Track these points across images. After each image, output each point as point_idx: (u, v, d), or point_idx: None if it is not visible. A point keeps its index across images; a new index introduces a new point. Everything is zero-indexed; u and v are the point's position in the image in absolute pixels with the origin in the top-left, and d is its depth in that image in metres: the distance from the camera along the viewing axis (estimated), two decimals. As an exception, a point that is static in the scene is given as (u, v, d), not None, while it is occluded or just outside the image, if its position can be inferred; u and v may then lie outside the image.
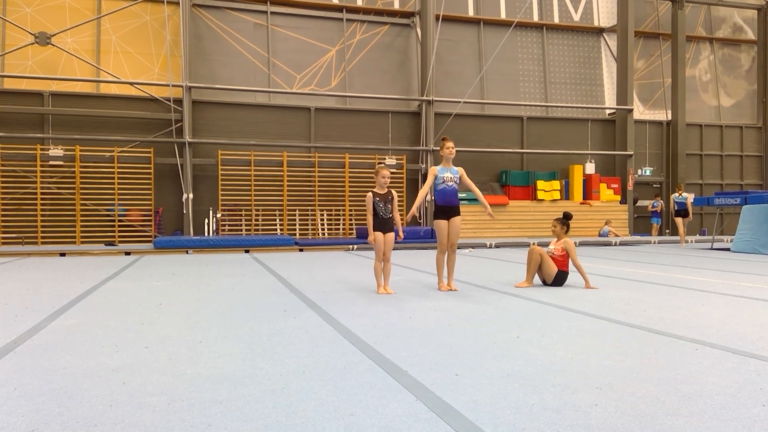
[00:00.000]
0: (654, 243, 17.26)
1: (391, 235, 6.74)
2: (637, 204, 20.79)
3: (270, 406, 2.72)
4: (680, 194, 16.45)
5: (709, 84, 22.87)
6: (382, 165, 7.20)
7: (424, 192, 6.96)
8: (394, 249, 7.05)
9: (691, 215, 16.42)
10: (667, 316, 5.04)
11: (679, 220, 16.21)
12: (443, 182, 6.77)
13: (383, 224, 6.66)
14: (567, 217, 7.20)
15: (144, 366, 3.46)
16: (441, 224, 6.79)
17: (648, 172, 21.30)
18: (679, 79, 21.25)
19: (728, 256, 12.55)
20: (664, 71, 21.88)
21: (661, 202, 20.36)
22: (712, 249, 14.82)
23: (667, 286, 7.13)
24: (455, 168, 6.91)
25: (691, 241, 17.87)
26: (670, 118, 21.69)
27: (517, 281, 7.39)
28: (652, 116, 21.88)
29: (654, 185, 21.60)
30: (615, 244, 16.50)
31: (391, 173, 7.46)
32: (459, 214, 6.86)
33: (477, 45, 19.99)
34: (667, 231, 21.25)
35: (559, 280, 7.01)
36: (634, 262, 10.85)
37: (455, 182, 6.83)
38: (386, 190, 6.72)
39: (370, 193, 6.75)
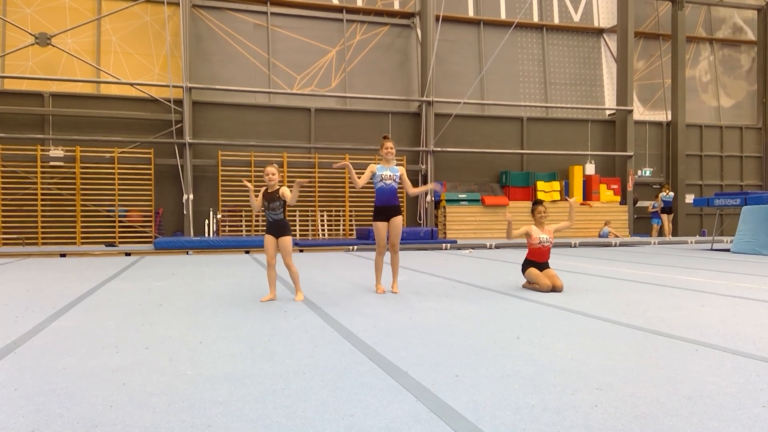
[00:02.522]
0: (654, 244, 17.26)
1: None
2: (637, 205, 20.80)
3: (270, 407, 2.72)
4: (667, 193, 18.96)
5: (709, 85, 22.88)
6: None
7: (360, 183, 6.55)
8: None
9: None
10: (667, 317, 5.04)
11: (664, 217, 18.83)
12: (381, 180, 6.57)
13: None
14: (540, 202, 7.23)
15: (144, 366, 3.46)
16: (379, 225, 6.58)
17: (648, 173, 21.30)
18: (679, 80, 21.26)
19: (728, 256, 12.55)
20: (664, 72, 21.89)
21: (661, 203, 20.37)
22: (712, 250, 14.82)
23: (667, 287, 7.13)
24: (396, 167, 6.71)
25: (691, 242, 17.87)
26: (670, 118, 21.70)
27: (518, 283, 7.37)
28: (652, 117, 21.88)
29: (654, 186, 21.61)
30: (615, 245, 16.50)
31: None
32: (400, 214, 6.66)
33: (477, 45, 20.00)
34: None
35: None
36: (634, 263, 10.85)
37: (394, 181, 6.58)
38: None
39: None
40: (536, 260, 6.90)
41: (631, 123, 20.30)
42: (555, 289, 6.62)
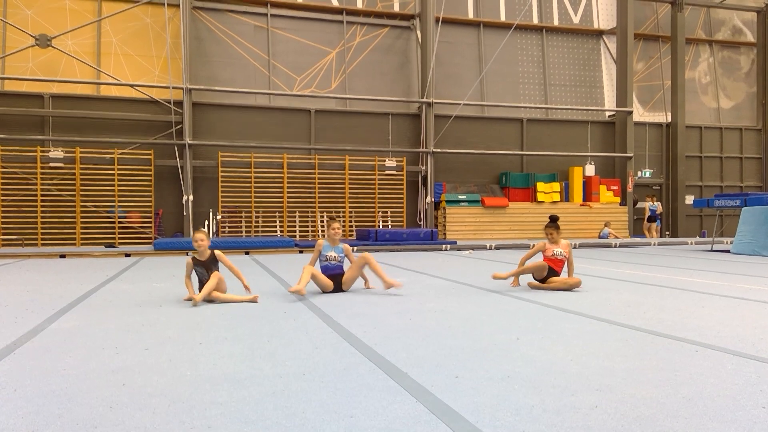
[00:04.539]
0: (654, 245, 17.26)
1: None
2: (637, 206, 20.81)
3: (270, 408, 2.72)
4: (653, 203, 19.87)
5: (708, 86, 22.90)
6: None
7: (312, 263, 6.62)
8: (393, 251, 6.93)
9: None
10: (667, 318, 5.04)
11: (652, 225, 19.75)
12: (326, 260, 6.69)
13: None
14: (556, 219, 7.15)
15: (144, 367, 3.46)
16: (328, 281, 6.64)
17: (648, 174, 21.31)
18: (678, 82, 21.28)
19: (728, 257, 12.55)
20: (663, 73, 21.91)
21: (659, 203, 20.39)
22: (712, 251, 14.82)
23: (666, 288, 7.13)
24: (340, 246, 6.76)
25: (692, 243, 17.88)
26: (669, 120, 21.72)
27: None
28: (652, 118, 21.90)
29: (654, 187, 21.62)
30: (615, 246, 16.50)
31: (392, 175, 7.18)
32: (343, 274, 6.74)
33: (477, 47, 20.02)
34: (667, 233, 21.26)
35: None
36: (634, 263, 10.85)
37: (339, 261, 6.71)
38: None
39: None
40: (551, 267, 6.94)
41: (630, 124, 20.31)
42: (569, 286, 6.77)
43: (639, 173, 21.11)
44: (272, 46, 18.07)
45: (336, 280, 6.69)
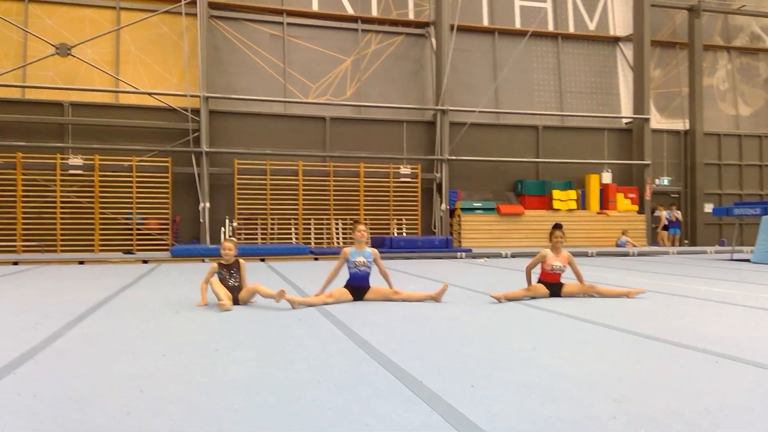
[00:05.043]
0: (672, 254, 17.06)
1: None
2: (655, 214, 20.58)
3: (285, 415, 2.72)
4: (671, 210, 19.74)
5: (727, 93, 22.65)
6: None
7: (335, 272, 6.58)
8: (407, 258, 6.90)
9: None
10: (686, 328, 4.98)
11: (665, 233, 19.59)
12: (355, 267, 6.50)
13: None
14: (561, 227, 7.09)
15: (161, 373, 3.48)
16: (346, 293, 6.50)
17: (666, 182, 21.09)
18: (696, 89, 21.08)
19: (748, 267, 12.36)
20: (681, 80, 21.71)
21: (679, 212, 20.17)
22: (731, 260, 14.62)
23: (685, 297, 7.04)
24: (368, 250, 6.61)
25: (711, 252, 17.65)
26: (687, 127, 21.50)
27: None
28: (670, 125, 21.70)
29: (672, 195, 21.39)
30: (632, 255, 16.34)
31: (407, 183, 7.13)
32: (369, 288, 6.60)
33: (492, 55, 20.00)
34: (686, 241, 21.00)
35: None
36: (652, 272, 10.73)
37: (368, 267, 6.53)
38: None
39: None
40: (548, 281, 6.90)
41: (648, 132, 20.14)
42: (595, 292, 6.86)
43: (657, 181, 20.91)
44: (288, 54, 18.20)
45: (359, 293, 6.54)
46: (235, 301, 6.19)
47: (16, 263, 12.88)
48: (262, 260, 13.96)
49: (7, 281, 9.20)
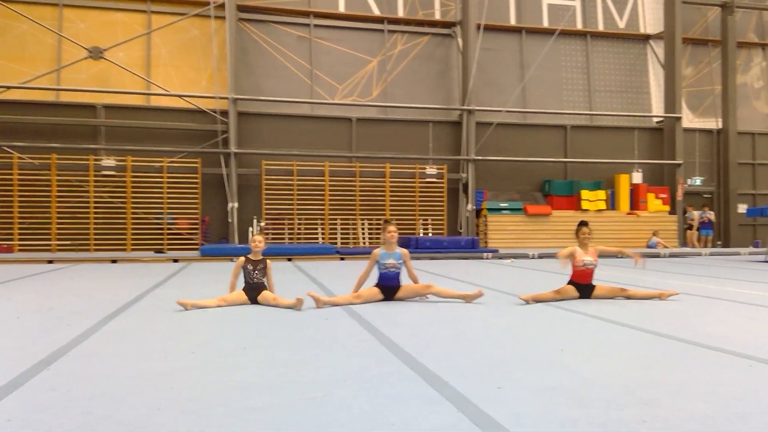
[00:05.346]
0: (705, 255, 16.70)
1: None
2: (687, 215, 20.17)
3: (310, 414, 2.74)
4: (704, 212, 19.40)
5: (761, 91, 22.09)
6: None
7: (365, 275, 6.56)
8: (433, 258, 6.88)
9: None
10: (717, 331, 4.87)
11: (694, 234, 19.35)
12: (385, 268, 6.50)
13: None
14: (586, 223, 6.98)
15: (189, 371, 3.54)
16: (377, 293, 6.50)
17: (698, 182, 20.66)
18: (729, 87, 20.60)
19: (784, 269, 12.03)
20: (714, 78, 21.25)
21: (711, 212, 19.73)
22: (766, 262, 14.25)
23: (718, 300, 6.89)
24: (398, 252, 6.57)
25: (744, 254, 17.24)
26: (720, 126, 21.03)
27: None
28: (702, 124, 21.24)
29: (705, 195, 20.94)
30: (664, 256, 16.04)
31: (432, 183, 7.10)
32: (400, 287, 6.57)
33: (519, 54, 19.83)
34: (719, 242, 20.54)
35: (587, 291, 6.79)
36: (684, 274, 10.52)
37: (398, 268, 6.51)
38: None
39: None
40: (578, 282, 6.73)
41: (679, 131, 19.75)
42: (628, 295, 6.74)
43: (689, 181, 20.49)
44: (314, 55, 18.31)
45: (390, 292, 6.53)
46: (254, 300, 6.24)
47: (50, 262, 13.21)
48: (289, 260, 14.07)
49: (41, 279, 9.43)
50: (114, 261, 13.55)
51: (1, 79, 16.02)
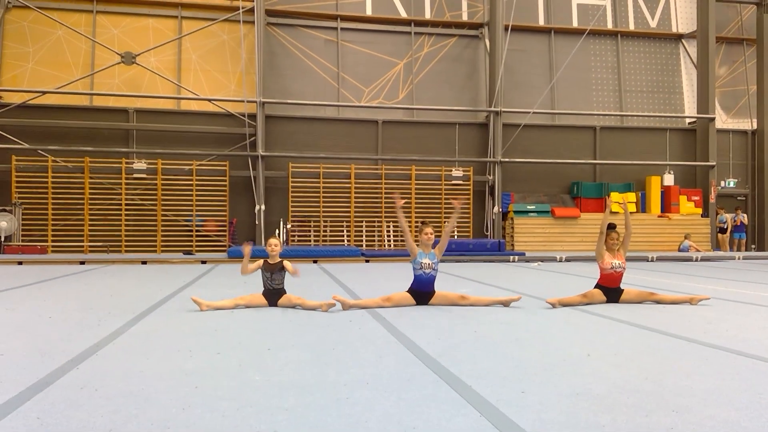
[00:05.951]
0: (738, 259, 16.30)
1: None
2: (718, 217, 19.72)
3: (334, 415, 2.75)
4: (737, 215, 19.09)
5: (800, 90, 21.45)
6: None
7: (411, 238, 6.54)
8: (459, 261, 6.81)
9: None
10: (752, 337, 4.74)
11: (725, 237, 18.98)
12: (421, 268, 6.38)
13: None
14: (615, 227, 6.82)
15: (216, 371, 3.58)
16: (408, 297, 6.40)
17: (732, 184, 20.18)
18: (765, 87, 20.07)
19: (823, 273, 11.67)
20: (748, 78, 20.74)
21: (744, 215, 19.26)
22: (804, 266, 13.83)
23: (751, 305, 6.71)
24: (433, 252, 6.51)
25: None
26: (755, 127, 20.51)
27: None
28: (736, 125, 20.75)
29: (738, 197, 20.44)
30: (696, 260, 15.70)
31: (459, 185, 7.06)
32: (434, 293, 6.48)
33: (547, 54, 19.64)
34: (753, 246, 20.03)
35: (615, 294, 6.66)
36: (716, 278, 10.28)
37: (434, 269, 6.43)
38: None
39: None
40: (607, 286, 6.61)
41: (713, 132, 19.33)
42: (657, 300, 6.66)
43: (722, 183, 20.02)
44: (341, 58, 18.41)
45: (424, 298, 6.45)
46: (274, 303, 6.25)
47: (82, 263, 13.52)
48: (315, 262, 14.15)
49: (74, 280, 9.66)
50: (144, 262, 13.79)
51: (36, 85, 16.48)
